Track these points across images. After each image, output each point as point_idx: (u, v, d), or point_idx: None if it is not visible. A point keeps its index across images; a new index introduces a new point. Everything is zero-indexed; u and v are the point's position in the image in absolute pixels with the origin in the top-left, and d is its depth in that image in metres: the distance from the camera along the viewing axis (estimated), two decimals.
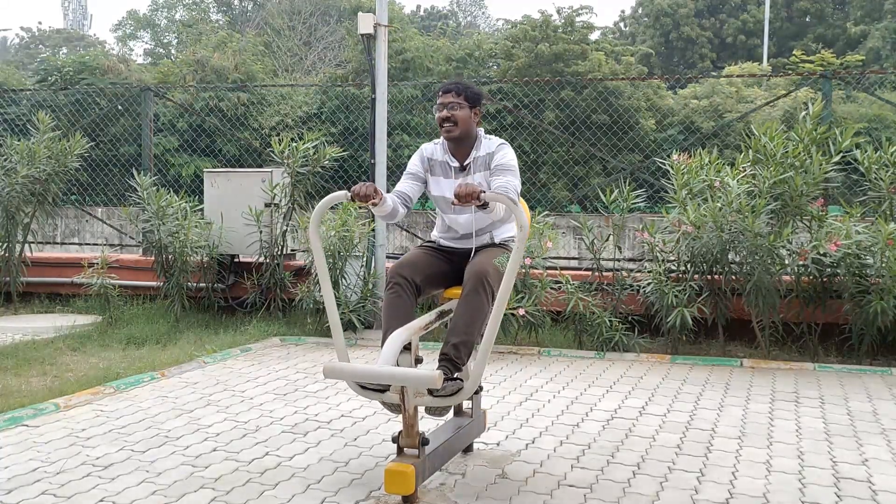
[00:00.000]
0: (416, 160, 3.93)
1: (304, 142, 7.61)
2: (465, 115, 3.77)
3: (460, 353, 3.45)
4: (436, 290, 3.91)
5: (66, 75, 17.32)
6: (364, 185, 3.35)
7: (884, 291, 5.84)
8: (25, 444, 4.08)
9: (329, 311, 3.51)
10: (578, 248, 11.02)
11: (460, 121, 3.76)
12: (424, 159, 3.91)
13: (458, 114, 3.75)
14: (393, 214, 3.68)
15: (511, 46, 19.19)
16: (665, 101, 16.75)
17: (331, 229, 7.05)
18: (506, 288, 3.15)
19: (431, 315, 3.72)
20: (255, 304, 7.64)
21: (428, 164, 3.91)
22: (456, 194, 3.16)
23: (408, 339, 3.36)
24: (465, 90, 3.79)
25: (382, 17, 7.41)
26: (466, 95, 3.78)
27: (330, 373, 3.24)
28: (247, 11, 33.97)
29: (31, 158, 8.15)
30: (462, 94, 3.77)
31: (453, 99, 3.76)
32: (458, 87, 3.80)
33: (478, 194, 3.14)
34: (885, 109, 13.97)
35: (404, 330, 3.39)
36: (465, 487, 3.54)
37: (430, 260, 3.84)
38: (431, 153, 3.91)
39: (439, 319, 3.77)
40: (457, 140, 3.81)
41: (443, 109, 3.76)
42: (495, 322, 3.19)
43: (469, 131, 3.81)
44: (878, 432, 4.44)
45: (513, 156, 3.80)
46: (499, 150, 3.80)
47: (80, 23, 54.48)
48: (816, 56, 18.55)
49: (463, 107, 3.76)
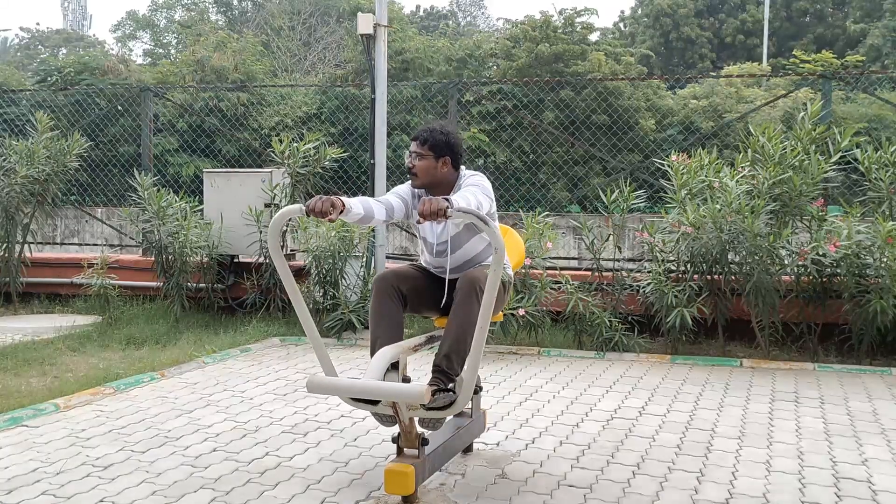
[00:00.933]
0: (407, 188, 3.77)
1: (305, 142, 7.62)
2: (425, 165, 3.63)
3: (453, 364, 3.38)
4: (421, 307, 3.77)
5: (65, 76, 17.31)
6: (319, 201, 3.14)
7: (883, 291, 5.84)
8: (25, 444, 4.08)
9: (306, 328, 3.40)
10: (578, 249, 11.01)
11: (420, 172, 3.63)
12: (415, 194, 3.76)
13: (419, 164, 3.63)
14: (367, 218, 3.42)
15: (511, 46, 19.19)
16: (664, 102, 16.73)
17: (330, 230, 7.05)
18: (487, 307, 3.05)
19: (421, 338, 3.69)
20: (255, 304, 7.64)
21: (415, 201, 3.75)
22: (420, 212, 3.00)
23: (395, 357, 3.33)
24: (430, 139, 3.63)
25: (382, 17, 7.41)
26: (431, 145, 3.62)
27: (314, 387, 3.20)
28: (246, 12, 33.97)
29: (30, 159, 8.15)
30: (426, 143, 3.63)
31: (416, 149, 3.64)
32: (423, 135, 3.65)
33: (443, 210, 2.98)
34: (885, 109, 13.96)
35: (393, 348, 3.35)
36: (465, 487, 3.54)
37: (417, 274, 3.77)
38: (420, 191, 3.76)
39: (428, 343, 3.74)
40: (423, 188, 3.68)
41: (409, 157, 3.68)
42: (481, 337, 3.12)
43: (435, 180, 3.66)
44: (878, 432, 4.44)
45: (481, 180, 3.66)
46: (469, 178, 3.68)
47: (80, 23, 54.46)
48: (816, 56, 18.54)
49: (425, 157, 3.62)
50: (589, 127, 13.95)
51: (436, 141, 3.63)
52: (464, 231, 3.66)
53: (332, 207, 3.16)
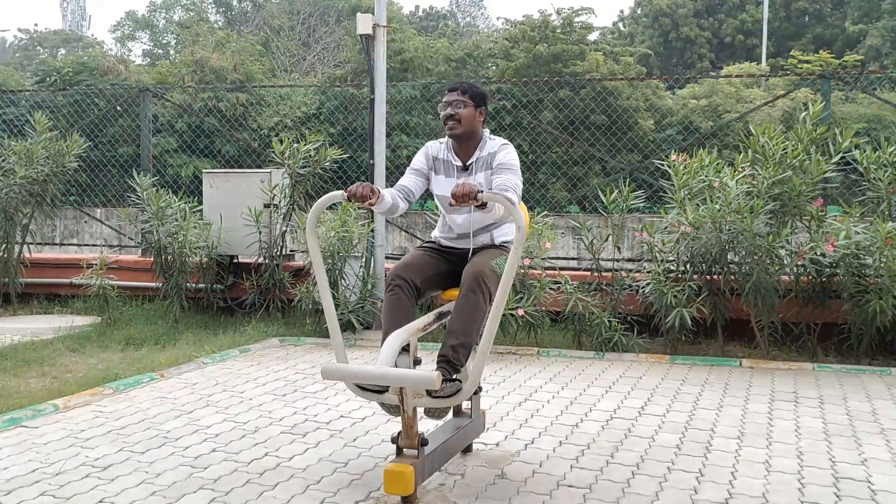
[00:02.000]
0: (422, 157, 3.93)
1: (306, 143, 7.61)
2: (468, 113, 3.77)
3: (458, 355, 3.45)
4: (435, 292, 3.90)
5: (64, 76, 17.32)
6: (361, 186, 3.35)
7: (882, 291, 5.84)
8: (24, 444, 4.07)
9: (327, 312, 3.50)
10: (577, 249, 11.02)
11: (464, 119, 3.77)
12: (429, 157, 3.92)
13: (463, 112, 3.76)
14: (393, 209, 3.66)
15: (510, 47, 19.20)
16: (664, 102, 16.75)
17: (330, 230, 7.05)
18: (504, 288, 3.14)
19: (430, 316, 3.71)
20: (255, 304, 7.64)
21: (432, 163, 3.91)
22: (453, 194, 3.17)
23: (406, 340, 3.36)
24: (470, 89, 3.81)
25: (381, 17, 7.41)
26: (472, 94, 3.79)
27: (328, 374, 3.24)
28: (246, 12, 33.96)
29: (29, 159, 8.14)
30: (467, 93, 3.78)
31: (458, 97, 3.77)
32: (464, 85, 3.82)
33: (475, 194, 3.14)
34: (884, 109, 13.97)
35: (403, 331, 3.38)
36: (465, 488, 3.54)
37: (429, 261, 3.83)
38: (437, 152, 3.92)
39: (438, 321, 3.76)
40: (460, 138, 3.81)
41: (447, 107, 3.77)
42: (493, 323, 3.18)
43: (473, 130, 3.82)
44: (878, 432, 4.44)
45: (515, 155, 3.81)
46: (501, 149, 3.80)
47: (79, 24, 54.44)
48: (815, 56, 18.56)
49: (467, 105, 3.77)
50: (588, 127, 13.96)
51: (476, 91, 3.82)
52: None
53: (372, 193, 3.35)
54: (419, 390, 3.25)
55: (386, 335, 3.50)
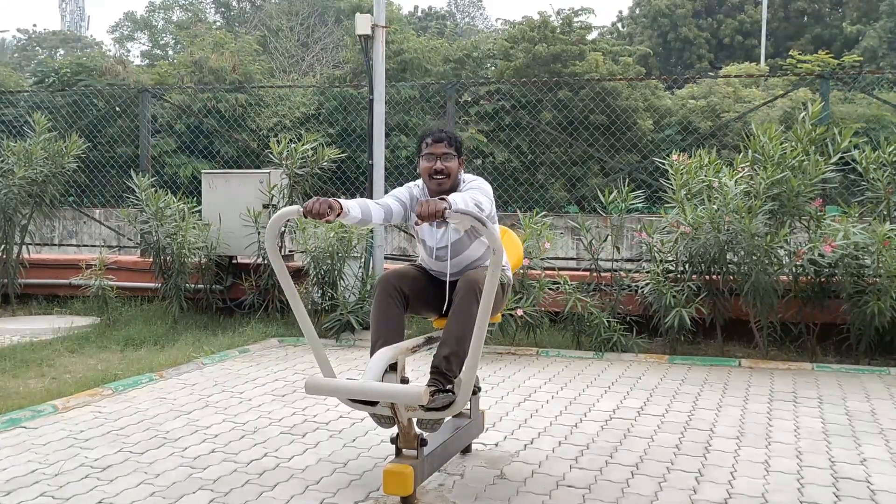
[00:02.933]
0: (405, 191, 3.75)
1: (303, 143, 7.61)
2: (454, 165, 3.64)
3: (451, 366, 3.38)
4: (421, 308, 3.77)
5: (63, 77, 17.29)
6: (317, 202, 3.14)
7: (881, 292, 5.85)
8: (24, 445, 4.07)
9: (304, 329, 3.39)
10: (577, 249, 11.01)
11: (452, 173, 3.64)
12: (413, 196, 3.74)
13: (451, 165, 3.62)
14: (366, 220, 3.42)
15: (509, 47, 19.20)
16: (663, 102, 16.75)
17: (329, 230, 7.05)
18: (485, 309, 3.04)
19: (420, 339, 3.68)
20: (254, 305, 7.64)
21: (413, 203, 3.73)
22: (418, 214, 2.99)
23: (394, 358, 3.33)
24: (455, 140, 3.66)
25: (380, 18, 7.41)
26: (457, 146, 3.65)
27: (312, 389, 3.18)
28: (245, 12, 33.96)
29: (28, 160, 8.14)
30: (453, 145, 3.64)
31: (446, 149, 3.62)
32: (450, 137, 3.65)
33: (441, 212, 2.96)
34: (883, 109, 13.98)
35: (391, 349, 3.34)
36: (464, 488, 3.54)
37: (418, 275, 3.77)
38: (418, 193, 3.75)
39: (427, 344, 3.73)
40: (447, 192, 3.62)
41: (435, 160, 3.61)
42: (480, 338, 3.11)
43: (456, 181, 3.69)
44: (877, 432, 4.44)
45: (484, 184, 3.67)
46: (471, 182, 3.68)
47: (78, 24, 54.40)
48: (814, 56, 18.57)
49: (453, 158, 3.64)
50: (587, 127, 13.96)
51: (459, 141, 3.70)
52: (464, 236, 3.65)
53: (330, 209, 3.16)
54: (407, 405, 3.20)
55: (374, 341, 3.47)
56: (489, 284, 3.00)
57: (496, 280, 3.00)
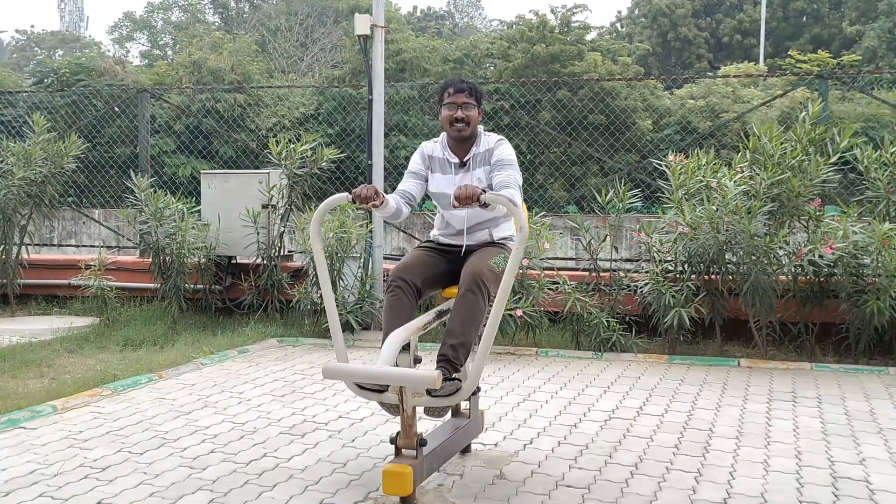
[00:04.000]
0: (418, 158, 3.94)
1: (302, 143, 7.61)
2: (475, 115, 3.80)
3: (458, 355, 3.46)
4: (435, 291, 3.92)
5: (62, 77, 17.29)
6: (365, 187, 3.36)
7: (880, 291, 5.85)
8: (23, 446, 4.07)
9: (329, 312, 3.51)
10: (576, 249, 11.02)
11: (472, 121, 3.79)
12: (425, 157, 3.92)
13: (471, 114, 3.77)
14: (397, 214, 3.70)
15: (507, 47, 19.20)
16: (662, 102, 16.76)
17: (328, 231, 7.04)
18: (504, 289, 3.14)
19: (430, 315, 3.72)
20: (253, 305, 7.64)
21: (429, 162, 3.92)
22: (456, 196, 3.17)
23: (406, 339, 3.37)
24: (475, 90, 3.81)
25: (379, 18, 7.41)
26: (477, 96, 3.81)
27: (329, 373, 3.24)
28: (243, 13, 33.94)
29: (27, 160, 8.14)
30: (474, 95, 3.79)
31: (466, 99, 3.76)
32: (471, 86, 3.80)
33: (478, 196, 3.15)
34: (882, 109, 13.99)
35: (403, 330, 3.39)
36: (464, 488, 3.54)
37: (429, 261, 3.84)
38: (431, 151, 3.92)
39: (438, 319, 3.77)
40: (465, 139, 3.82)
41: (456, 109, 3.76)
42: (494, 323, 3.19)
43: (476, 130, 3.85)
44: (876, 431, 4.44)
45: (511, 150, 3.83)
46: (497, 145, 3.82)
47: (77, 25, 54.35)
48: (813, 56, 18.58)
49: (474, 107, 3.79)
50: (586, 127, 13.97)
51: (480, 91, 3.84)
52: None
53: (376, 195, 3.37)
54: (419, 389, 3.26)
55: (387, 336, 3.50)
56: (513, 262, 3.14)
57: (520, 257, 3.17)
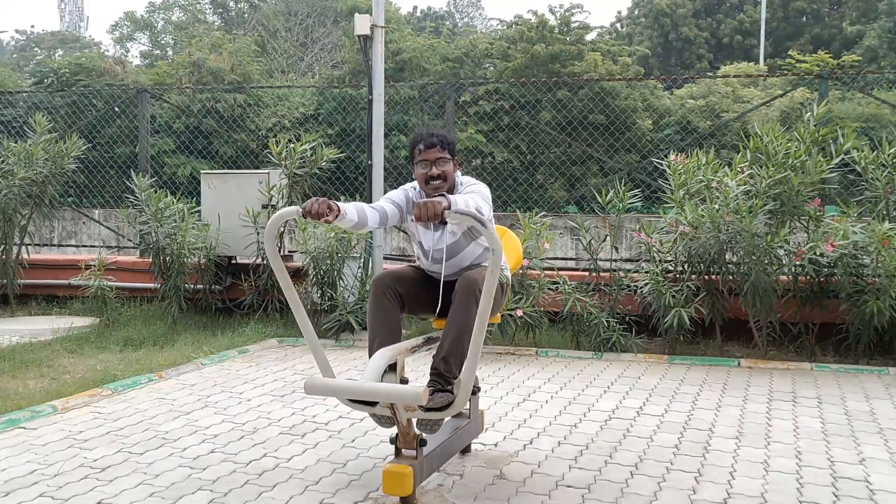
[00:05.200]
0: (401, 193, 3.76)
1: (302, 143, 7.61)
2: (450, 168, 3.64)
3: (450, 367, 3.38)
4: (418, 308, 3.77)
5: (62, 77, 17.28)
6: (316, 202, 3.17)
7: (880, 291, 5.85)
8: (23, 446, 4.07)
9: (303, 329, 3.40)
10: (576, 249, 11.01)
11: (448, 176, 3.64)
12: (409, 199, 3.75)
13: (446, 169, 3.62)
14: (361, 224, 3.46)
15: (507, 47, 19.20)
16: (662, 102, 16.74)
17: (328, 231, 7.05)
18: (484, 309, 3.03)
19: (419, 339, 3.69)
20: (253, 305, 7.64)
21: (410, 206, 3.74)
22: (416, 216, 2.98)
23: (393, 358, 3.33)
24: (448, 144, 3.64)
25: (379, 18, 7.41)
26: (450, 149, 3.64)
27: (312, 389, 3.19)
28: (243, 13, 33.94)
29: (27, 160, 8.14)
30: (446, 148, 3.62)
31: (439, 154, 3.60)
32: (442, 140, 3.63)
33: (440, 214, 2.96)
34: (882, 109, 13.98)
35: (390, 350, 3.35)
36: (464, 488, 3.54)
37: (414, 275, 3.77)
38: (414, 196, 3.75)
39: (426, 345, 3.73)
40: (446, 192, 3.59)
41: (430, 167, 3.59)
42: (479, 338, 3.11)
43: (453, 182, 3.70)
44: (876, 432, 4.45)
45: (483, 188, 3.67)
46: (471, 185, 3.69)
47: (77, 24, 54.33)
48: (813, 56, 18.57)
49: (448, 161, 3.63)
50: (586, 127, 13.97)
51: (452, 143, 3.68)
52: (461, 238, 3.66)
53: (329, 210, 3.18)
54: (407, 405, 3.21)
55: (372, 340, 3.48)
56: (488, 285, 3.00)
57: (495, 280, 3.01)
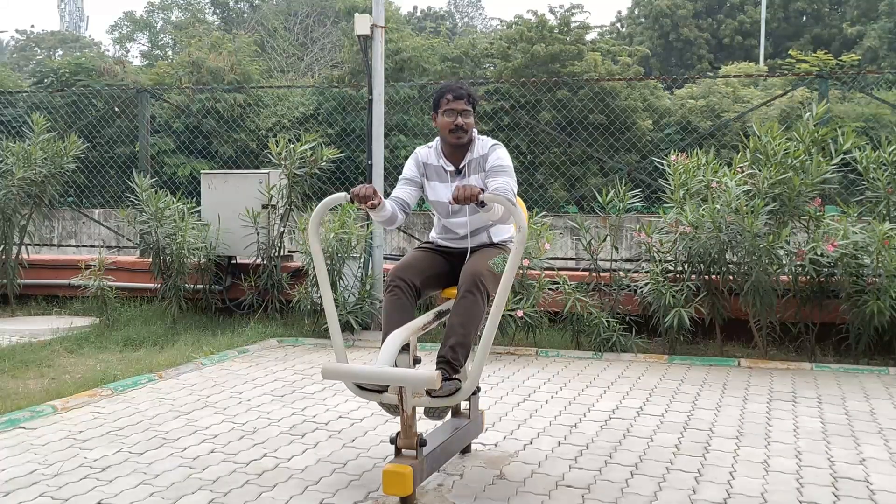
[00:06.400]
0: (412, 164, 3.89)
1: (302, 143, 7.61)
2: (472, 122, 3.78)
3: (457, 355, 3.45)
4: (435, 291, 3.91)
5: (61, 77, 17.27)
6: (363, 187, 3.36)
7: (880, 291, 5.85)
8: (23, 446, 4.07)
9: (328, 312, 3.51)
10: (576, 249, 11.01)
11: (470, 129, 3.77)
12: (420, 164, 3.88)
13: (469, 122, 3.75)
14: (392, 220, 3.67)
15: (507, 47, 19.19)
16: (662, 102, 16.74)
17: (329, 231, 7.05)
18: (504, 288, 3.14)
19: (429, 315, 3.72)
20: (253, 305, 7.64)
21: (423, 169, 3.87)
22: (454, 197, 3.18)
23: (406, 339, 3.37)
24: (472, 97, 3.77)
25: (379, 17, 7.41)
26: (473, 103, 3.78)
27: (329, 373, 3.24)
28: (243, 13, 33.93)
29: (27, 160, 8.14)
30: (472, 103, 3.76)
31: (465, 106, 3.72)
32: (469, 94, 3.76)
33: (476, 196, 3.16)
34: (882, 109, 13.97)
35: (402, 330, 3.39)
36: (464, 488, 3.54)
37: (429, 261, 3.84)
38: (426, 157, 3.87)
39: (437, 320, 3.76)
40: (462, 146, 3.79)
41: (456, 116, 3.71)
42: (493, 323, 3.19)
43: (471, 136, 3.82)
44: (876, 432, 4.44)
45: (506, 156, 3.80)
46: (492, 151, 3.78)
47: (77, 25, 54.30)
48: (813, 56, 18.56)
49: (471, 114, 3.77)
50: (586, 127, 13.97)
51: (474, 96, 3.80)
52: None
53: (374, 194, 3.36)
54: (419, 390, 3.25)
55: (386, 336, 3.50)
56: (513, 261, 3.16)
57: (520, 256, 3.17)
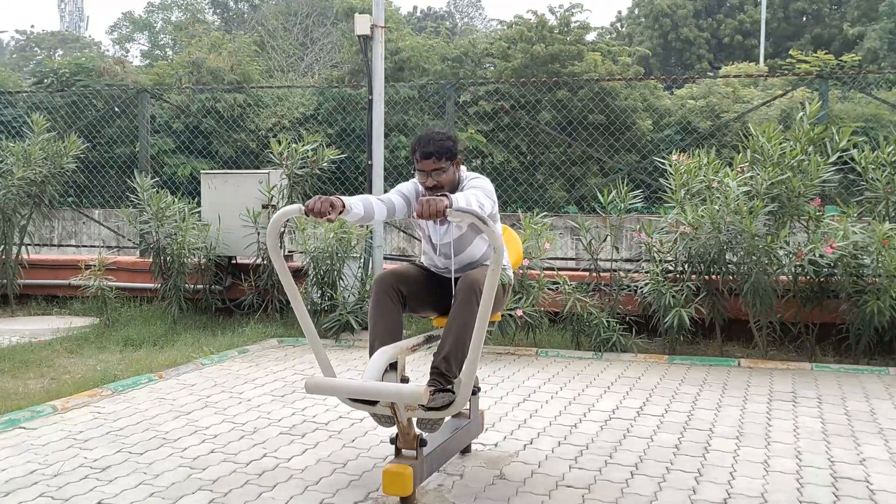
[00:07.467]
0: (411, 187, 3.73)
1: (303, 143, 7.62)
2: (448, 176, 3.57)
3: (451, 366, 3.38)
4: (421, 308, 3.77)
5: (61, 77, 17.28)
6: (318, 201, 3.14)
7: (880, 291, 5.85)
8: (23, 446, 4.07)
9: (304, 328, 3.39)
10: (576, 249, 11.01)
11: (447, 184, 3.57)
12: (419, 191, 3.71)
13: (444, 178, 3.55)
14: (368, 217, 3.42)
15: (507, 47, 19.20)
16: (662, 102, 16.75)
17: (328, 231, 7.05)
18: (485, 308, 3.02)
19: (420, 338, 3.68)
20: (253, 305, 7.64)
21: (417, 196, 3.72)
22: (418, 213, 2.97)
23: (393, 357, 3.33)
24: (444, 152, 3.53)
25: (379, 18, 7.41)
26: (448, 155, 3.55)
27: (313, 388, 3.19)
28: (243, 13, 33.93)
29: (26, 160, 8.14)
30: (443, 157, 3.53)
31: (435, 165, 3.52)
32: (438, 150, 3.52)
33: (441, 211, 2.93)
34: (882, 109, 13.98)
35: (391, 348, 3.35)
36: (464, 488, 3.54)
37: (417, 274, 3.77)
38: (422, 192, 3.69)
39: (427, 343, 3.73)
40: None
41: (426, 177, 3.54)
42: (479, 337, 3.10)
43: (455, 181, 3.65)
44: (876, 432, 4.44)
45: (486, 183, 3.63)
46: (472, 180, 3.65)
47: (77, 25, 54.31)
48: (813, 56, 18.56)
49: (445, 170, 3.55)
50: (586, 127, 13.98)
51: (446, 149, 3.56)
52: (468, 232, 3.66)
53: (332, 208, 3.15)
54: (406, 404, 3.20)
55: (372, 340, 3.48)
56: (489, 283, 2.98)
57: (496, 278, 2.99)
